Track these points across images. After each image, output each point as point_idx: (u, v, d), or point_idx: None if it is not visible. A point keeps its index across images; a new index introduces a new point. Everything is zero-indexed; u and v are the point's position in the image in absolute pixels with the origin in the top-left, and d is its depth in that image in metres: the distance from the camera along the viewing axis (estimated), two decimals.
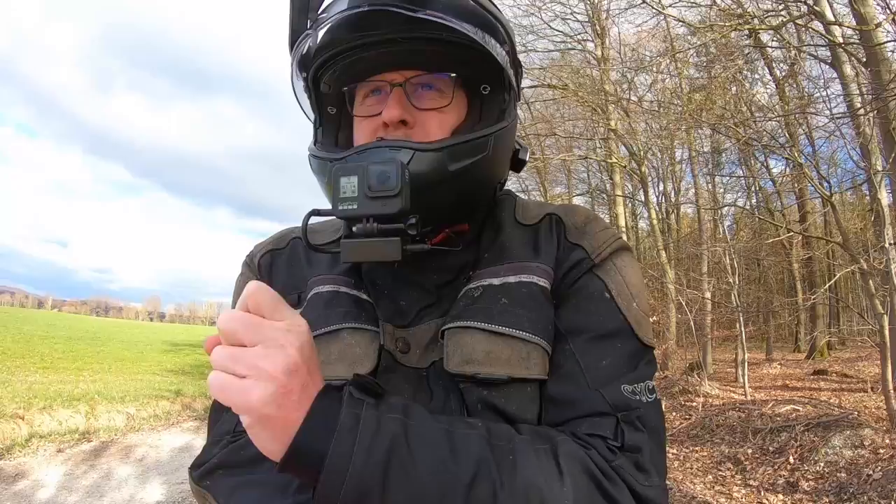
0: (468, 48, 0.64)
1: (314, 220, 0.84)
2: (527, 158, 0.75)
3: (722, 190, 13.32)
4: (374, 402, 0.48)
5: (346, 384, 0.49)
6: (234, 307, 0.74)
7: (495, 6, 0.66)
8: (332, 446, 0.44)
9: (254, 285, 0.46)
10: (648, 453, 0.56)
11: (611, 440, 0.55)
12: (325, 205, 0.64)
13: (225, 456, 0.61)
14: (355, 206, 0.54)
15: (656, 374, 0.66)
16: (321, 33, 0.65)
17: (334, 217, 0.79)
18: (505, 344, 0.60)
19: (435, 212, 0.61)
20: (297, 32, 0.65)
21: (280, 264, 0.75)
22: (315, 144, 0.70)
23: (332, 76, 0.69)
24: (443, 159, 0.60)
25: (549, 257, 0.66)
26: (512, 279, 0.64)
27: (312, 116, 0.73)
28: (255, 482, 0.57)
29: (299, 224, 0.83)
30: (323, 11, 0.64)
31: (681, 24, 7.30)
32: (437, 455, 0.47)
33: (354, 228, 0.56)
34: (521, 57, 0.75)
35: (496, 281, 0.64)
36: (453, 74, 0.66)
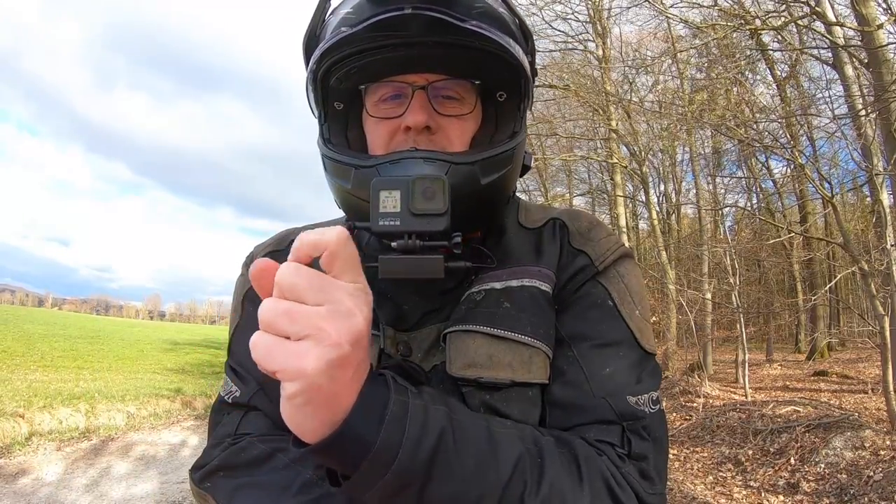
0: (491, 55, 0.62)
1: (313, 220, 0.84)
2: (532, 164, 0.75)
3: (723, 190, 13.32)
4: (417, 390, 0.47)
5: (389, 368, 0.48)
6: (235, 309, 0.74)
7: (521, 14, 0.66)
8: (382, 436, 0.41)
9: (335, 233, 0.40)
10: (653, 462, 0.57)
11: (619, 448, 0.56)
12: (328, 205, 0.65)
13: (226, 458, 0.61)
14: (398, 223, 0.51)
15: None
16: (350, 32, 0.59)
17: (340, 220, 0.78)
18: (507, 348, 0.60)
19: (462, 223, 0.58)
20: (316, 28, 0.63)
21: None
22: (325, 144, 0.67)
23: (347, 73, 0.65)
24: (476, 173, 0.59)
25: (551, 261, 0.67)
26: (514, 283, 0.64)
27: (317, 111, 0.70)
28: (256, 484, 0.57)
29: (300, 224, 0.82)
30: (342, 4, 0.62)
31: (682, 24, 7.29)
32: (480, 453, 0.46)
33: (394, 244, 0.53)
34: None
35: (498, 285, 0.64)
36: (477, 81, 0.64)
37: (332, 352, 0.38)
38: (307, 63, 0.65)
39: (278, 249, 0.76)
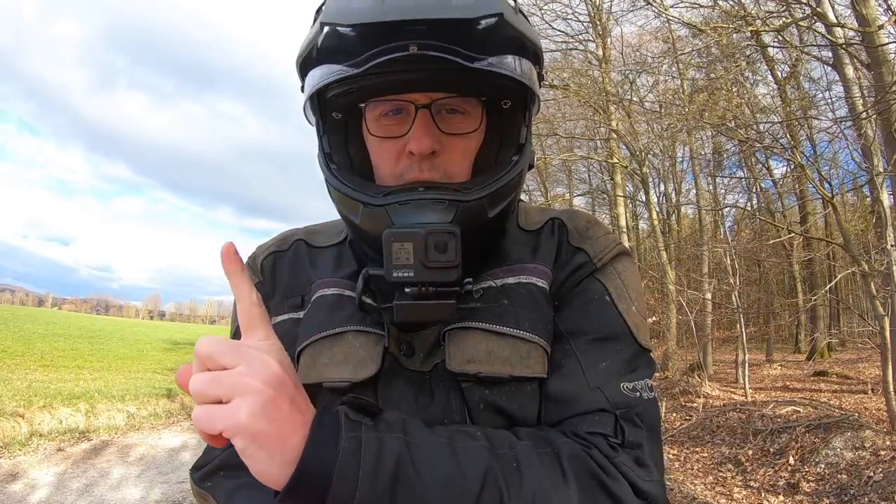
0: (497, 74, 0.59)
1: (314, 221, 0.84)
2: (534, 163, 0.73)
3: (723, 191, 13.34)
4: (372, 422, 0.48)
5: (340, 405, 0.48)
6: (235, 309, 0.74)
7: (531, 26, 0.63)
8: (336, 472, 0.43)
9: (204, 343, 0.45)
10: (648, 449, 0.57)
11: (611, 437, 0.56)
12: (328, 205, 0.65)
13: (226, 458, 0.61)
14: (412, 274, 0.54)
15: (656, 374, 0.66)
16: (352, 70, 0.56)
17: (340, 221, 0.79)
18: (505, 343, 0.60)
19: (468, 255, 0.58)
20: (311, 49, 0.60)
21: (283, 266, 0.75)
22: (328, 166, 0.65)
23: (347, 91, 0.62)
24: (484, 207, 0.59)
25: (548, 258, 0.68)
26: (511, 280, 0.65)
27: (314, 121, 0.68)
28: (256, 484, 0.57)
29: (301, 225, 0.82)
30: (353, 31, 0.56)
31: (683, 26, 7.28)
32: (443, 471, 0.47)
33: (408, 290, 0.56)
34: None
35: (496, 282, 0.65)
36: (483, 98, 0.63)
37: (258, 398, 0.42)
38: (302, 75, 0.64)
39: (280, 250, 0.76)
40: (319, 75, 0.60)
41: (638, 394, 0.59)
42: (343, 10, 0.54)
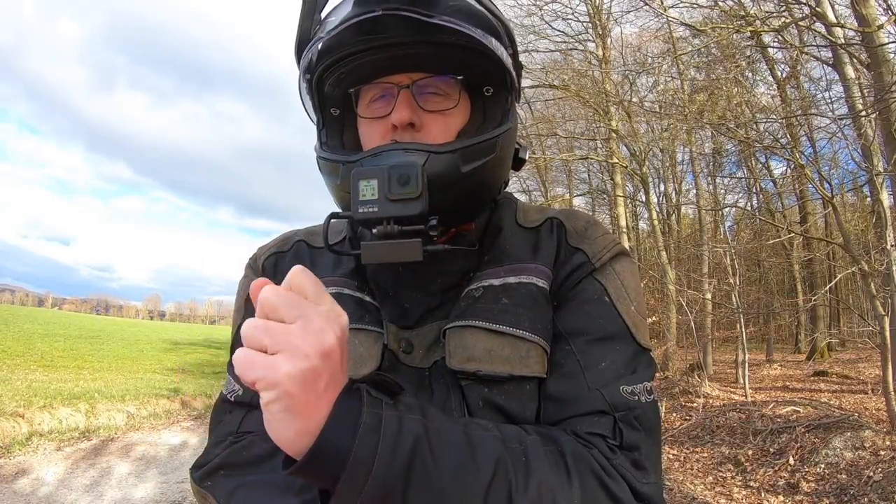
0: (472, 51, 0.65)
1: (316, 222, 0.85)
2: (526, 157, 0.76)
3: (723, 191, 13.34)
4: (392, 401, 0.48)
5: (363, 382, 0.49)
6: (238, 309, 0.75)
7: (498, 9, 0.66)
8: (356, 447, 0.43)
9: (298, 269, 0.45)
10: (645, 452, 0.57)
11: (610, 439, 0.56)
12: (328, 205, 0.66)
13: (227, 457, 0.61)
14: (376, 209, 0.55)
15: (656, 374, 0.67)
16: (329, 35, 0.63)
17: (348, 219, 0.80)
18: (505, 342, 0.61)
19: (446, 213, 0.61)
20: (305, 34, 0.65)
21: (284, 266, 0.75)
22: (321, 146, 0.70)
23: (338, 78, 0.68)
24: (456, 161, 0.60)
25: (548, 258, 0.68)
26: (512, 280, 0.65)
27: (315, 118, 0.72)
28: (257, 483, 0.57)
29: (303, 225, 0.83)
30: (331, 13, 0.64)
31: (682, 25, 7.28)
32: (458, 456, 0.47)
33: (374, 230, 0.56)
34: (522, 57, 0.76)
35: (496, 282, 0.65)
36: (459, 77, 0.66)
37: (303, 363, 0.41)
38: (300, 68, 0.68)
39: (281, 251, 0.77)
40: (307, 50, 0.65)
41: (637, 397, 0.59)
42: None
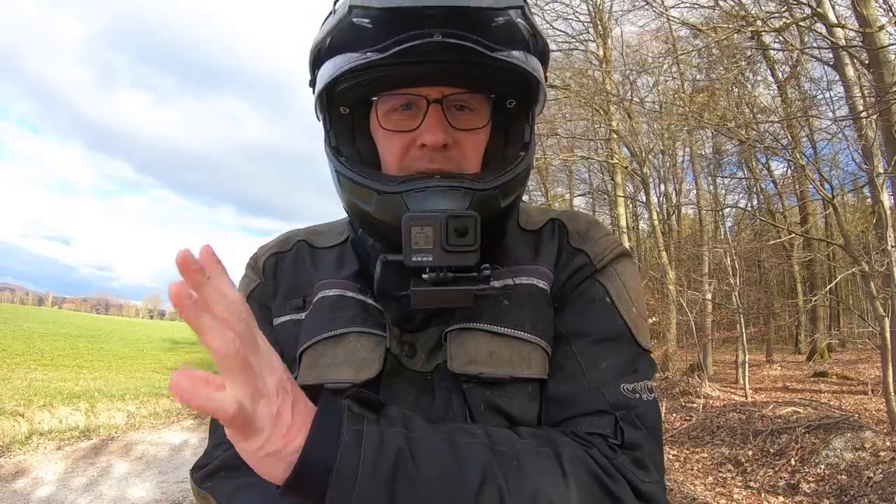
0: (511, 71, 0.60)
1: (316, 220, 0.85)
2: (533, 163, 0.73)
3: (723, 191, 13.32)
4: (375, 416, 0.48)
5: (344, 398, 0.49)
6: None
7: (537, 25, 0.64)
8: (337, 464, 0.43)
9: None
10: (647, 450, 0.57)
11: (611, 438, 0.56)
12: (330, 204, 0.65)
13: (227, 458, 0.61)
14: (431, 259, 0.54)
15: (657, 374, 0.67)
16: (379, 55, 0.56)
17: (342, 222, 0.79)
18: (507, 344, 0.61)
19: (486, 249, 0.59)
20: (329, 34, 0.59)
21: (285, 267, 0.75)
22: (337, 157, 0.65)
23: (360, 83, 0.61)
24: (497, 197, 0.60)
25: (549, 260, 0.68)
26: (513, 282, 0.65)
27: (321, 115, 0.67)
28: (257, 484, 0.57)
29: (303, 224, 0.83)
30: (370, 21, 0.56)
31: (683, 26, 7.28)
32: (443, 466, 0.47)
33: (426, 276, 0.56)
34: None
35: (497, 284, 0.64)
36: (493, 95, 0.64)
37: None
38: (314, 68, 0.64)
39: (282, 251, 0.76)
40: (338, 63, 0.59)
41: (638, 395, 0.59)
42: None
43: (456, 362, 0.60)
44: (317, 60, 0.63)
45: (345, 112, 0.67)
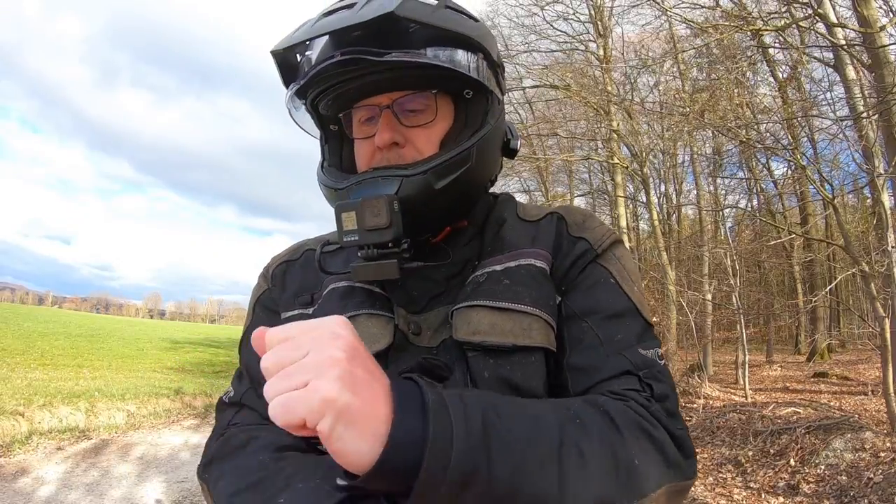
0: (433, 66, 0.68)
1: (317, 221, 0.89)
2: (518, 147, 0.81)
3: (723, 192, 13.28)
4: (443, 385, 0.49)
5: (411, 369, 0.51)
6: (248, 314, 0.82)
7: (462, 18, 0.69)
8: (432, 428, 0.41)
9: (266, 332, 0.45)
10: (673, 401, 0.63)
11: (643, 392, 0.61)
12: (330, 209, 0.72)
13: (217, 448, 0.67)
14: (357, 238, 0.64)
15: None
16: (308, 77, 0.69)
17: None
18: (507, 317, 0.65)
19: (431, 223, 0.70)
20: (286, 73, 0.72)
21: (294, 271, 0.82)
22: (322, 167, 0.77)
23: (328, 103, 0.75)
24: (428, 181, 0.66)
25: (546, 243, 0.74)
26: (512, 264, 0.71)
27: (317, 134, 0.79)
28: (233, 468, 0.62)
29: (304, 224, 0.88)
30: (304, 51, 0.71)
31: (684, 24, 7.28)
32: (526, 425, 0.49)
33: (360, 253, 0.66)
34: (523, 56, 0.80)
35: (498, 267, 0.70)
36: (434, 91, 0.71)
37: (335, 370, 0.41)
38: (287, 89, 0.75)
39: (291, 259, 0.83)
40: (288, 95, 0.73)
41: (654, 358, 0.65)
42: (284, 39, 0.68)
43: (460, 332, 0.65)
44: (286, 83, 0.74)
45: (334, 129, 0.79)
